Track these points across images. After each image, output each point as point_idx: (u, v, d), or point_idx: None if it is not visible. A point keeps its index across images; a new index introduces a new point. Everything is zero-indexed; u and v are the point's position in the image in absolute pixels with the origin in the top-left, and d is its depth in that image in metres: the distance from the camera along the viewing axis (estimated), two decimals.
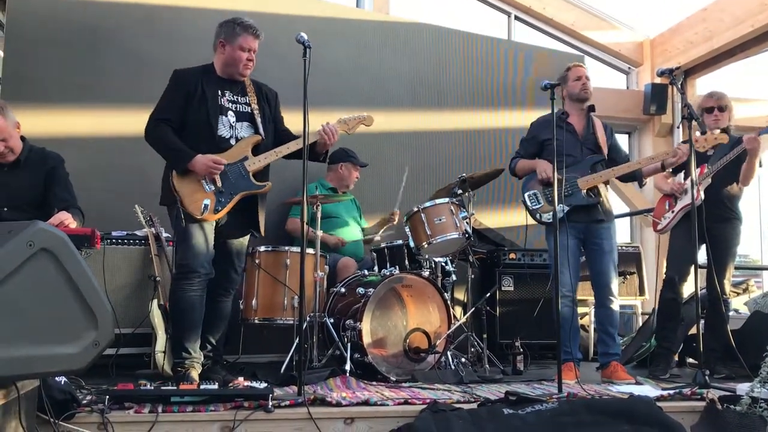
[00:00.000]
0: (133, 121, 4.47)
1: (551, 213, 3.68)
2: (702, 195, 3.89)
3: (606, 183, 3.99)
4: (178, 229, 3.20)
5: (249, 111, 3.38)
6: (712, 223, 3.86)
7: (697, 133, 3.86)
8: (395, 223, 4.64)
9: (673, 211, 4.09)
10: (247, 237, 3.50)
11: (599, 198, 3.85)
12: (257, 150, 3.36)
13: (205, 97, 3.26)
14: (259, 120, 3.38)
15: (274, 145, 3.41)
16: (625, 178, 4.08)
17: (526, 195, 3.98)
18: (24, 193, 3.33)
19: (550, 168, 3.74)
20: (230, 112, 3.33)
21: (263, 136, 3.38)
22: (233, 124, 3.33)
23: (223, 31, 3.32)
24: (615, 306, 3.83)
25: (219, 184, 3.22)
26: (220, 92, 3.32)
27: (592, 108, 4.01)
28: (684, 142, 3.95)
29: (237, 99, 3.37)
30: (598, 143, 3.94)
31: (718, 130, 3.94)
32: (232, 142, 3.31)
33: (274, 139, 3.46)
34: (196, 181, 3.20)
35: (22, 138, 3.39)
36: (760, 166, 4.03)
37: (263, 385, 2.80)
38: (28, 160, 3.37)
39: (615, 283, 3.84)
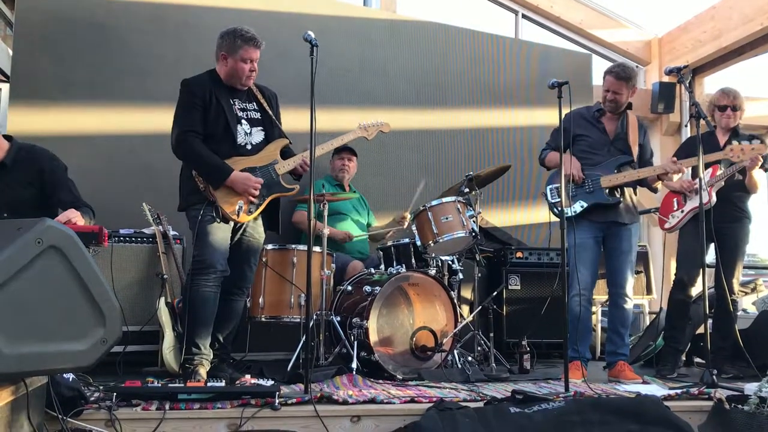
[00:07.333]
0: (141, 119, 4.53)
1: (569, 208, 3.72)
2: (714, 197, 3.86)
3: (634, 187, 3.91)
4: (201, 224, 3.21)
5: (259, 117, 3.46)
6: (721, 223, 3.82)
7: (735, 142, 3.76)
8: (405, 227, 4.62)
9: (682, 210, 4.04)
10: (263, 236, 3.55)
11: (620, 198, 3.81)
12: (283, 153, 3.47)
13: (221, 107, 3.30)
14: (269, 124, 3.47)
15: None
16: (640, 184, 3.97)
17: (548, 188, 3.95)
18: (20, 194, 3.15)
19: (577, 167, 3.77)
20: (243, 120, 3.39)
21: (273, 139, 3.46)
22: (247, 131, 3.39)
23: (225, 43, 3.33)
24: (627, 306, 3.80)
25: None
26: (231, 101, 3.38)
27: (629, 106, 3.93)
28: (691, 137, 3.88)
29: (246, 106, 3.44)
30: (628, 144, 3.87)
31: (747, 143, 3.72)
32: (248, 147, 3.38)
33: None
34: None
35: (9, 137, 3.20)
36: (766, 171, 4.00)
37: (270, 382, 2.79)
38: (17, 161, 3.15)
39: (630, 284, 3.81)
